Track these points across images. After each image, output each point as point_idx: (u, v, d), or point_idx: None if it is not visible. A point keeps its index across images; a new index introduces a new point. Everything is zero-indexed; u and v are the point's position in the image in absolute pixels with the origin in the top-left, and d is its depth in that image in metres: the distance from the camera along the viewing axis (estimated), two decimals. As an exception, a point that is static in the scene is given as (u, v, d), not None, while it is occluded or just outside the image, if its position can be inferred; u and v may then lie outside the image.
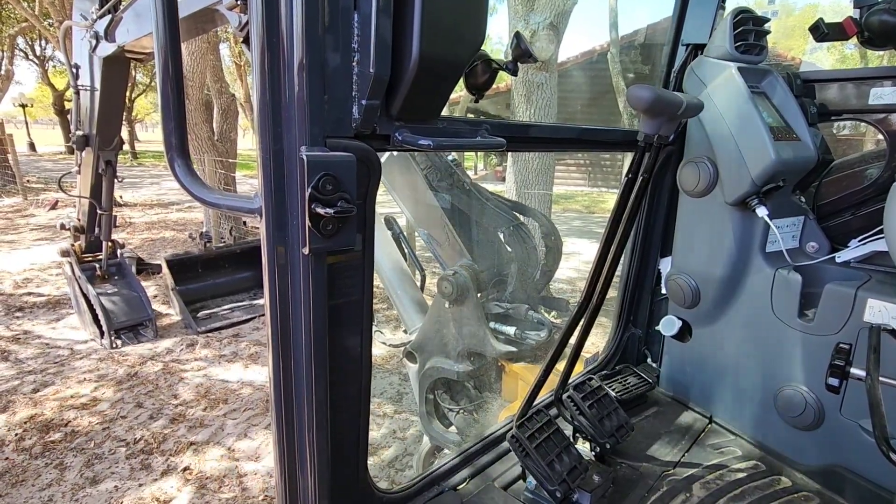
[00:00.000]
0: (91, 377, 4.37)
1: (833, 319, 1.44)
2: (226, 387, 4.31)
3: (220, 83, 7.67)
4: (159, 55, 0.82)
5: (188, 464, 3.31)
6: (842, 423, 1.47)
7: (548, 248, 2.42)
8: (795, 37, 26.24)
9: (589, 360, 2.19)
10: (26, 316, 5.62)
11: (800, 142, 1.58)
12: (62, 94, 24.77)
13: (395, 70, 0.83)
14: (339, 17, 0.78)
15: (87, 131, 4.36)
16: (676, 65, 1.79)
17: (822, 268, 1.62)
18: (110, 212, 4.93)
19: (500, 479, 1.48)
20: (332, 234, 0.82)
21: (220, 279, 6.12)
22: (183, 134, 0.86)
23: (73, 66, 4.10)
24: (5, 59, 14.69)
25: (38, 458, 3.32)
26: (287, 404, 0.97)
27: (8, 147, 12.36)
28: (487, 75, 1.14)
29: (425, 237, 2.47)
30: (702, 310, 1.80)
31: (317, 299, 0.88)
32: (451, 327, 2.21)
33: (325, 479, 1.02)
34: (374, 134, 0.89)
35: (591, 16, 66.16)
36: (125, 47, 3.38)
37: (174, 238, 9.39)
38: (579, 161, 19.49)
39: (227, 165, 7.87)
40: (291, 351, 0.93)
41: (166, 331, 5.36)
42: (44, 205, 11.71)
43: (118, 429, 3.67)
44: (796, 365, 1.55)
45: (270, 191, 0.82)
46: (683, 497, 1.45)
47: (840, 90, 1.69)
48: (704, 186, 1.67)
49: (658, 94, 1.14)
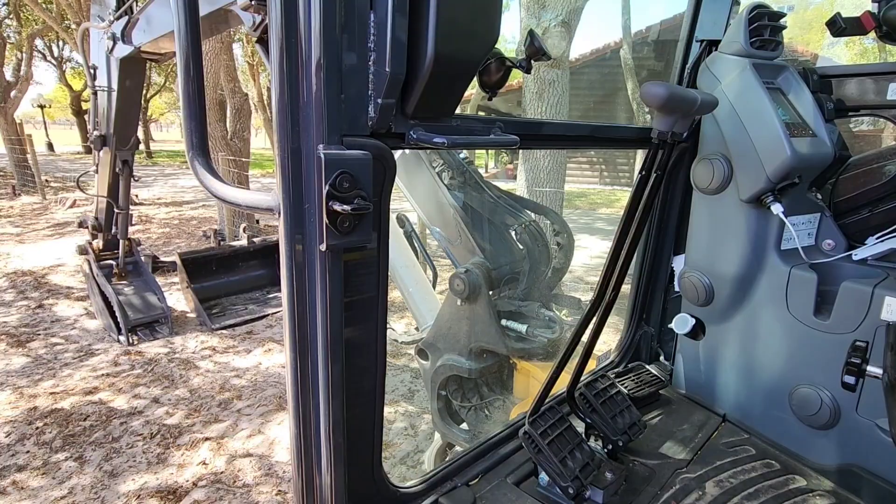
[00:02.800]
0: (108, 373, 4.45)
1: (850, 317, 1.42)
2: (240, 383, 4.37)
3: (233, 83, 7.75)
4: (181, 56, 0.84)
5: (204, 458, 3.36)
6: (858, 422, 1.45)
7: (559, 245, 2.41)
8: (813, 31, 25.79)
9: (601, 358, 2.19)
10: (45, 311, 5.74)
11: (816, 138, 1.56)
12: (79, 95, 25.21)
13: (410, 69, 0.84)
14: (355, 18, 0.79)
15: (104, 131, 4.44)
16: (690, 61, 1.77)
17: (838, 265, 1.60)
18: (127, 210, 5.02)
19: (512, 475, 1.48)
20: (348, 231, 0.83)
21: (234, 277, 6.19)
22: (203, 133, 0.88)
23: (90, 67, 4.18)
24: (24, 61, 14.95)
25: (59, 451, 3.40)
26: (304, 400, 0.98)
27: (27, 147, 12.59)
28: (501, 73, 1.14)
29: (437, 235, 2.48)
30: (715, 308, 1.79)
31: (333, 296, 0.89)
32: (463, 325, 2.22)
33: (340, 474, 1.04)
34: (390, 132, 0.90)
35: (604, 13, 65.95)
36: (141, 48, 3.44)
37: (189, 235, 9.51)
38: (592, 158, 19.38)
39: (240, 164, 7.95)
40: (308, 347, 0.94)
41: (181, 327, 5.44)
42: (62, 203, 11.93)
43: (135, 423, 3.73)
44: (812, 363, 1.54)
45: (288, 188, 0.83)
46: (697, 495, 1.44)
47: (857, 85, 1.67)
48: (719, 183, 1.65)
49: (672, 91, 1.13)
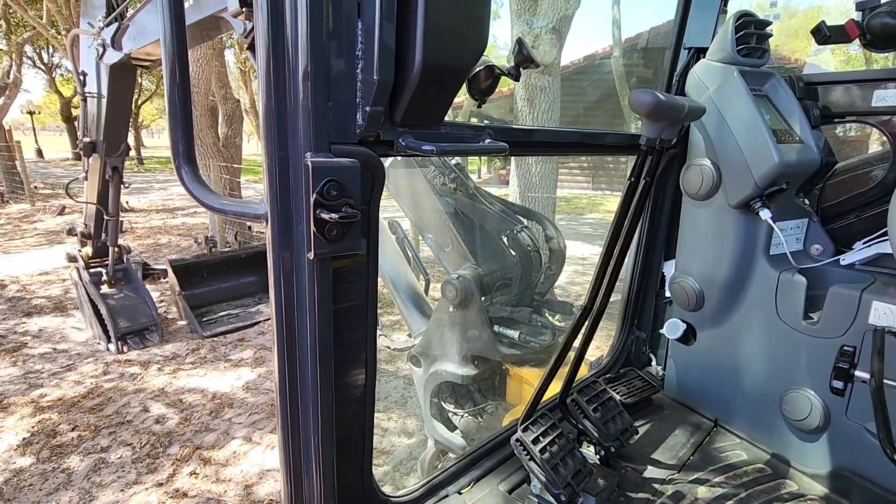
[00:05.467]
0: (98, 381, 4.39)
1: (838, 322, 1.44)
2: (231, 391, 4.33)
3: (224, 89, 7.73)
4: (167, 62, 0.83)
5: (193, 468, 3.32)
6: (847, 427, 1.46)
7: (551, 251, 2.42)
8: (799, 38, 26.18)
9: (593, 364, 2.19)
10: (33, 319, 5.66)
11: (803, 144, 1.58)
12: (69, 102, 25.02)
13: (398, 76, 0.84)
14: (342, 25, 0.79)
15: (94, 138, 4.41)
16: (679, 68, 1.79)
17: (826, 270, 1.61)
18: (117, 217, 4.97)
19: (504, 482, 1.48)
20: (336, 239, 0.83)
21: (225, 284, 6.14)
22: (190, 141, 0.87)
23: (80, 73, 4.15)
24: (14, 67, 14.84)
25: (46, 462, 3.34)
26: (292, 408, 0.97)
27: (16, 153, 12.46)
28: (490, 81, 1.15)
29: (429, 241, 2.48)
30: (706, 313, 1.79)
31: (322, 303, 0.89)
32: (455, 331, 2.22)
33: (330, 483, 1.03)
34: (378, 140, 0.90)
35: (594, 20, 66.45)
36: (131, 54, 3.42)
37: (178, 243, 9.44)
38: (583, 164, 19.49)
39: (231, 171, 7.92)
40: (297, 354, 0.94)
41: (172, 335, 5.38)
42: (51, 211, 11.80)
43: (124, 433, 3.68)
44: (801, 368, 1.55)
45: (276, 196, 0.83)
46: (689, 501, 1.44)
47: (843, 92, 1.69)
48: (707, 189, 1.67)
49: (660, 99, 1.14)
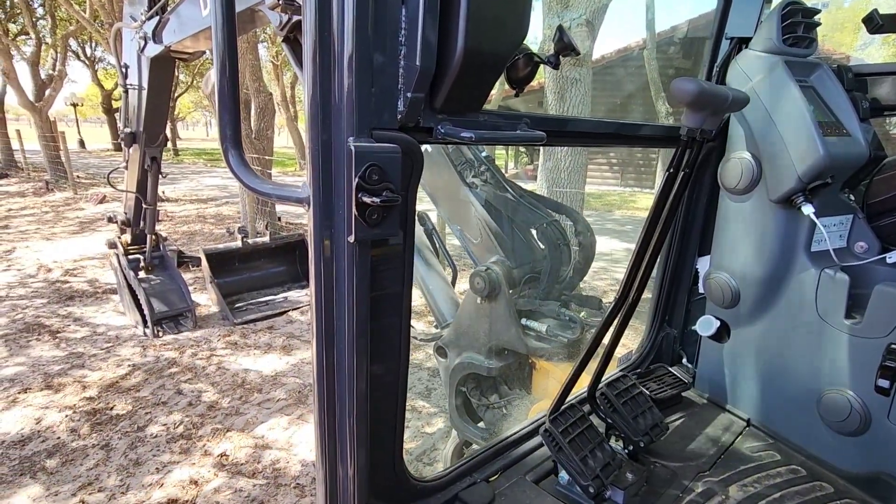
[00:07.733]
0: (134, 364, 4.57)
1: (883, 321, 1.39)
2: (260, 376, 4.44)
3: (258, 82, 7.87)
4: (217, 52, 0.86)
5: (224, 449, 3.43)
6: (889, 429, 1.41)
7: (581, 245, 2.40)
8: (845, 32, 25.05)
9: (622, 359, 2.17)
10: (74, 304, 5.91)
11: (850, 137, 1.52)
12: (110, 94, 25.94)
13: (439, 63, 0.85)
14: (387, 13, 0.80)
15: (134, 129, 4.56)
16: (720, 59, 1.75)
17: (871, 268, 1.56)
18: (154, 206, 5.14)
19: (531, 472, 1.48)
20: (376, 223, 0.84)
21: (256, 273, 6.30)
22: (237, 126, 0.90)
23: (122, 66, 4.30)
24: (59, 60, 15.43)
25: (86, 438, 3.50)
26: (329, 393, 1.00)
27: (60, 144, 13.00)
28: (529, 69, 1.14)
29: (458, 233, 2.49)
30: (741, 310, 1.75)
31: (360, 288, 0.91)
32: (482, 323, 2.22)
33: (363, 466, 1.05)
34: (418, 126, 0.91)
35: (628, 12, 64.86)
36: (171, 47, 3.53)
37: (211, 231, 9.70)
38: (612, 160, 19.15)
39: (263, 162, 8.08)
40: (335, 339, 0.96)
41: (204, 321, 5.55)
42: (92, 199, 12.28)
43: (160, 414, 3.83)
44: (841, 368, 1.50)
45: (319, 180, 0.85)
46: (720, 499, 1.42)
47: (894, 84, 1.62)
48: (747, 183, 1.62)
49: (703, 87, 1.12)
